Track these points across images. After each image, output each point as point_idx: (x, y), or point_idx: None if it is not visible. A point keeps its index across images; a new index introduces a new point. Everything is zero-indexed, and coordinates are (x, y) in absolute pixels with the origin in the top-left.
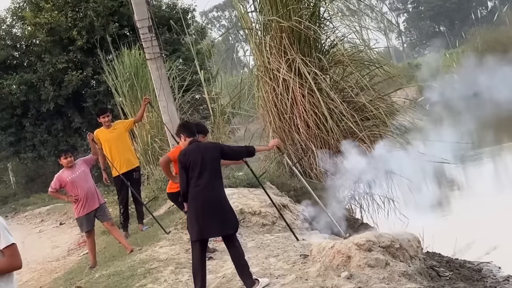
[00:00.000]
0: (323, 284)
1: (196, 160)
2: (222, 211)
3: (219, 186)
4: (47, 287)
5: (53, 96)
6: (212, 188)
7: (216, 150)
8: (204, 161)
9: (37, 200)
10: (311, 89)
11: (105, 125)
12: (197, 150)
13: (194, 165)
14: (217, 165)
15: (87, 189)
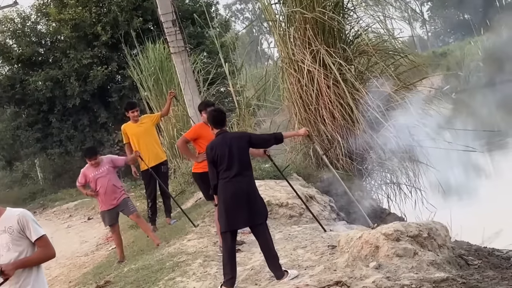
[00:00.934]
0: (352, 274)
1: (223, 153)
2: (250, 201)
3: (248, 177)
4: (77, 282)
5: (79, 92)
6: (240, 179)
7: (244, 140)
8: (231, 153)
9: (65, 196)
10: (336, 80)
11: (133, 120)
12: (223, 142)
13: (222, 158)
14: (245, 155)
15: (107, 187)
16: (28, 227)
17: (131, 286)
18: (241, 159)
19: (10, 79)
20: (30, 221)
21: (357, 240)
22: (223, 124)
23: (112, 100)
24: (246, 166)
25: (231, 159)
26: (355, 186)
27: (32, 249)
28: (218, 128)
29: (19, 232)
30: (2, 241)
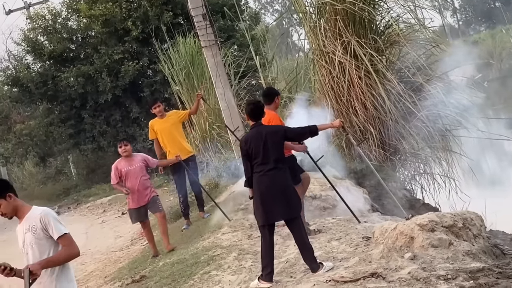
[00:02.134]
0: (387, 265)
1: (257, 146)
2: (286, 195)
3: (282, 170)
4: (112, 277)
5: (111, 87)
6: (275, 172)
7: (279, 134)
8: (266, 147)
9: (99, 191)
10: (367, 71)
11: (158, 115)
12: (258, 136)
13: (256, 151)
14: (280, 149)
15: (138, 185)
16: (50, 225)
17: (166, 280)
18: (275, 153)
19: (42, 75)
20: (52, 219)
21: (392, 231)
22: (259, 117)
23: (144, 95)
24: (280, 160)
25: (266, 153)
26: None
27: (56, 248)
28: (254, 120)
29: (42, 230)
30: (26, 240)
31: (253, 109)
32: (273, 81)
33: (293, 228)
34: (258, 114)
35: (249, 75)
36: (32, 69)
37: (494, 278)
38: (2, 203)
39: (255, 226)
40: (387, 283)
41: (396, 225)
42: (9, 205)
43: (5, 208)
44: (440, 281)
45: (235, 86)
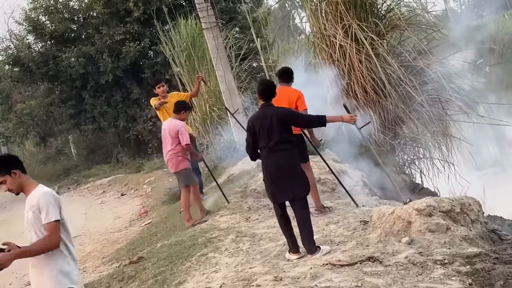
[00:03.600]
0: (384, 250)
1: (263, 127)
2: (291, 177)
3: (288, 152)
4: (110, 258)
5: (112, 68)
6: (280, 155)
7: (285, 118)
8: (271, 128)
9: (98, 172)
10: (368, 55)
11: (160, 95)
12: (264, 116)
13: (262, 132)
14: (285, 131)
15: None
16: (44, 209)
17: (164, 262)
18: (281, 135)
19: (43, 55)
20: (48, 203)
21: (390, 216)
22: (270, 97)
23: (145, 76)
24: (286, 141)
25: (271, 135)
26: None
27: None
28: (264, 100)
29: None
30: (28, 218)
31: (265, 89)
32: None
33: (296, 208)
34: (269, 94)
35: (250, 57)
36: (33, 48)
37: (490, 263)
38: (7, 179)
39: (253, 209)
40: (384, 267)
41: (393, 210)
42: (15, 181)
43: (11, 184)
44: (436, 266)
45: (236, 69)
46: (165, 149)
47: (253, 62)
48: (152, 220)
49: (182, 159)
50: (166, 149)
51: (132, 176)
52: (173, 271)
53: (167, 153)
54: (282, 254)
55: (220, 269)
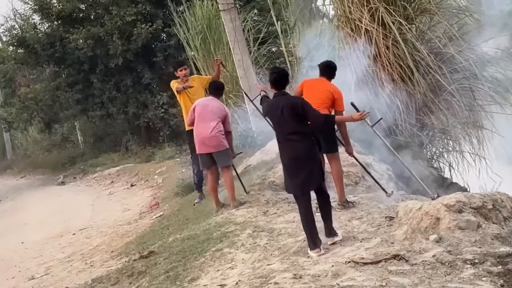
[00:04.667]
0: (411, 248)
1: (274, 117)
2: (305, 168)
3: (301, 143)
4: (119, 252)
5: (122, 51)
6: (294, 145)
7: (296, 107)
8: (282, 118)
9: (106, 161)
10: (395, 40)
11: (182, 79)
12: (276, 107)
13: (274, 122)
14: (299, 122)
15: None
16: None
17: (176, 257)
18: (292, 125)
19: (50, 36)
20: None
21: (417, 211)
22: (283, 86)
23: (157, 59)
24: (299, 132)
25: (282, 125)
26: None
27: None
28: (277, 89)
29: None
30: None
31: (276, 78)
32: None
33: (317, 192)
34: (281, 83)
35: (269, 41)
36: (39, 29)
37: None
38: None
39: (271, 202)
40: (410, 266)
41: (421, 205)
42: None
43: None
44: (466, 266)
45: (254, 53)
46: (203, 125)
47: (272, 46)
48: (163, 213)
49: (224, 138)
50: (205, 127)
51: (142, 166)
52: (186, 266)
53: (210, 129)
54: (302, 250)
55: (236, 265)
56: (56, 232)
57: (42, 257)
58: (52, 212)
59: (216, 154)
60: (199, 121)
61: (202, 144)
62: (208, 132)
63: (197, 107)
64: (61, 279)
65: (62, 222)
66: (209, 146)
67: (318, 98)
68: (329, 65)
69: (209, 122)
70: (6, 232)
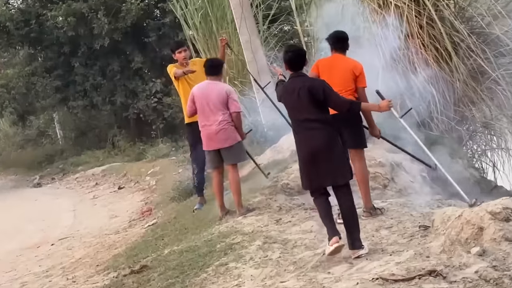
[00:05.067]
0: (449, 262)
1: (290, 102)
2: (327, 161)
3: (322, 131)
4: (106, 266)
5: (108, 30)
6: (314, 134)
7: (316, 90)
8: (300, 104)
9: (90, 159)
10: (430, 19)
11: (181, 62)
12: (291, 90)
13: (290, 108)
14: (317, 107)
15: None
16: None
17: (173, 272)
18: (313, 110)
19: (24, 13)
20: None
21: (456, 220)
22: (300, 67)
23: (149, 40)
24: (317, 119)
25: (301, 111)
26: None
27: None
28: (292, 70)
29: None
30: None
31: (291, 57)
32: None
33: (339, 195)
34: (297, 62)
35: (281, 19)
36: (12, 4)
37: None
38: None
39: (285, 209)
40: (448, 284)
41: (461, 213)
42: None
43: None
44: None
45: (264, 33)
46: (207, 119)
47: (285, 24)
48: (157, 221)
49: (235, 130)
50: (210, 120)
51: (132, 165)
52: (184, 283)
53: (218, 123)
54: (321, 265)
55: (244, 282)
56: (32, 242)
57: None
58: (27, 218)
59: (225, 150)
60: (201, 113)
61: (210, 140)
62: (215, 125)
63: (197, 97)
64: None
65: (39, 230)
66: (217, 141)
67: (338, 80)
68: (339, 36)
69: (213, 114)
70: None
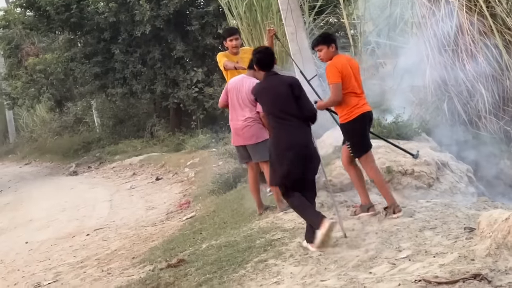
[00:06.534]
0: (494, 266)
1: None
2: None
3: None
4: (142, 259)
5: (150, 17)
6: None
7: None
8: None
9: (127, 148)
10: (481, 15)
11: (231, 50)
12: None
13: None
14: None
15: None
16: None
17: (211, 267)
18: (291, 105)
19: None
20: None
21: (503, 223)
22: (270, 66)
23: (192, 29)
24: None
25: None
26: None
27: None
28: (265, 70)
29: None
30: None
31: (260, 58)
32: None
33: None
34: (268, 63)
35: (328, 11)
36: None
37: None
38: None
39: (326, 206)
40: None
41: (508, 215)
42: None
43: None
44: None
45: (310, 24)
46: (235, 114)
47: (331, 17)
48: (195, 214)
49: (263, 127)
50: (238, 115)
51: (170, 156)
52: (222, 279)
53: (244, 120)
54: (363, 265)
55: (283, 280)
56: (67, 232)
57: (50, 260)
58: (62, 207)
59: (250, 147)
60: (232, 107)
61: (237, 135)
62: (241, 121)
63: (230, 90)
64: None
65: (74, 220)
66: (243, 138)
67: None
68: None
69: (241, 109)
70: (8, 229)
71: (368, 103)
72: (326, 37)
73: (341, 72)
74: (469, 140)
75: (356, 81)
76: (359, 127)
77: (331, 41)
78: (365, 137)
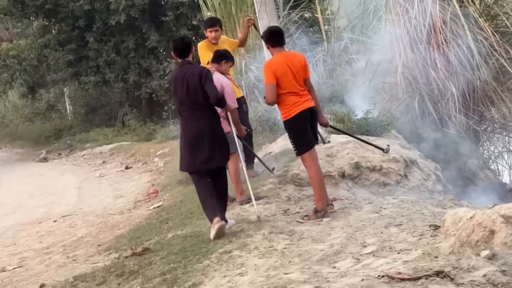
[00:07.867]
0: (457, 264)
1: (180, 88)
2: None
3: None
4: (108, 246)
5: (125, 6)
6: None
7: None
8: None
9: (98, 136)
10: (454, 14)
11: (211, 41)
12: (181, 76)
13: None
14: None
15: None
16: None
17: (176, 257)
18: (200, 95)
19: None
20: None
21: (467, 221)
22: (187, 54)
23: (166, 19)
24: (204, 104)
25: (188, 95)
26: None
27: None
28: (180, 58)
29: None
30: None
31: (178, 45)
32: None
33: (217, 177)
34: (184, 51)
35: (302, 5)
36: None
37: None
38: None
39: (294, 199)
40: (455, 286)
41: (473, 214)
42: None
43: None
44: None
45: (284, 19)
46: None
47: (305, 11)
48: (163, 203)
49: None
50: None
51: (141, 145)
52: (186, 269)
53: None
54: (327, 259)
55: (247, 271)
56: (34, 218)
57: (16, 246)
58: (30, 193)
59: None
60: None
61: None
62: None
63: None
64: (36, 274)
65: (41, 206)
66: None
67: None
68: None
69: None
70: None
71: (311, 100)
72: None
73: (275, 72)
74: (438, 138)
75: (296, 80)
76: (299, 125)
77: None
78: (307, 135)
